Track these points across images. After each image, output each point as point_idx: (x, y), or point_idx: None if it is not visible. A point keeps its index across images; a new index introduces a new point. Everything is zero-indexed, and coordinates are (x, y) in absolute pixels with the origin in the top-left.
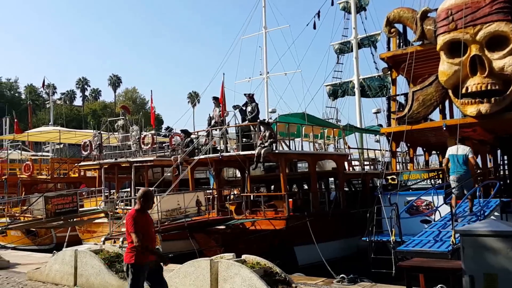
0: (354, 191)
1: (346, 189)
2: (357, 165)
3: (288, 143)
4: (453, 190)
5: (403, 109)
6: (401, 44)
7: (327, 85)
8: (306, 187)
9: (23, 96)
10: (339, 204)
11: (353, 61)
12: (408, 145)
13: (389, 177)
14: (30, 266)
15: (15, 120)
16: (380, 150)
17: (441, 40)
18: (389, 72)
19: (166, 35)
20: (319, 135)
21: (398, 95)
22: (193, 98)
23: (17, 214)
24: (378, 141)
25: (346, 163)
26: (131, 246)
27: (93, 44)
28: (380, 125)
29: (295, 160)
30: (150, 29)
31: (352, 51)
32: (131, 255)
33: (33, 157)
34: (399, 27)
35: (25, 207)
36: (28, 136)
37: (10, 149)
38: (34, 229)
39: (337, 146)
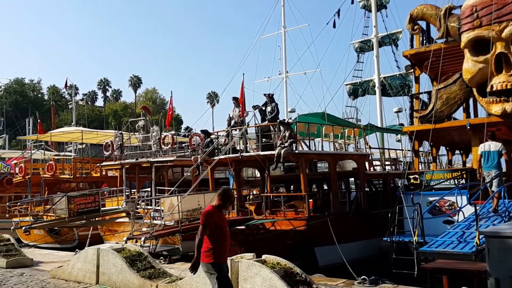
0: (375, 191)
1: (367, 189)
2: (378, 165)
3: (308, 143)
4: (494, 185)
5: (426, 107)
6: (425, 41)
7: (347, 84)
8: (325, 187)
9: (46, 97)
10: (360, 204)
11: (373, 59)
12: (431, 144)
13: (411, 177)
14: (53, 264)
15: (39, 120)
16: (402, 150)
17: (465, 37)
18: (411, 70)
19: (187, 35)
20: (339, 135)
21: (421, 93)
22: (212, 98)
23: (40, 213)
24: (399, 140)
25: (366, 163)
26: (208, 246)
27: (114, 45)
28: (402, 125)
29: (315, 160)
30: (170, 30)
31: (372, 49)
32: (209, 254)
33: (56, 157)
34: (422, 24)
35: (48, 206)
36: (51, 136)
37: (33, 149)
38: (57, 228)
39: (358, 146)
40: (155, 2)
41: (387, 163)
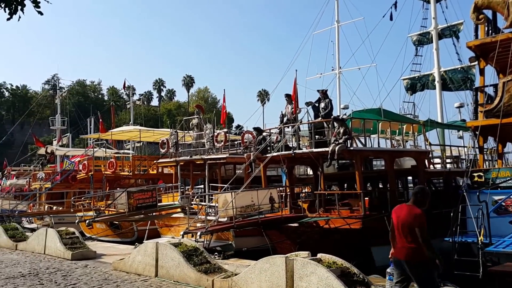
0: (435, 190)
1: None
2: (438, 163)
3: (363, 140)
4: None
5: (492, 101)
6: (490, 31)
7: (404, 79)
8: (381, 186)
9: (105, 98)
10: None
11: (433, 52)
12: (497, 140)
13: (475, 175)
14: (114, 257)
15: (100, 120)
16: (464, 146)
17: None
18: (476, 62)
19: (237, 33)
20: (397, 131)
21: (487, 86)
22: (263, 96)
23: (102, 208)
24: (461, 137)
25: (426, 161)
26: (414, 243)
27: (168, 47)
28: (464, 120)
29: (371, 158)
30: (221, 29)
31: (431, 42)
32: (420, 252)
33: (116, 155)
34: (488, 13)
35: (109, 201)
36: (111, 135)
37: (95, 147)
38: (117, 222)
39: (416, 142)
40: (205, 2)
41: (448, 160)
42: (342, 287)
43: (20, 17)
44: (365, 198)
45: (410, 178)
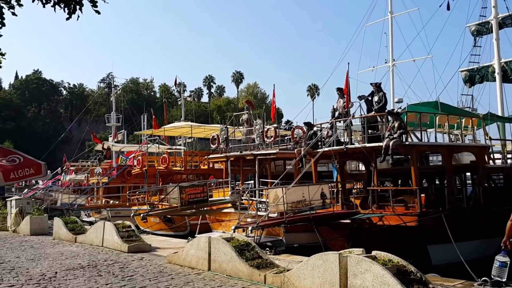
0: (495, 187)
1: (485, 184)
2: (499, 158)
3: (419, 135)
4: None
5: None
6: None
7: (462, 71)
8: (437, 182)
9: (157, 95)
10: (479, 200)
11: (493, 43)
12: None
13: None
14: (168, 250)
15: (153, 116)
16: None
17: None
18: None
19: (286, 28)
20: (455, 125)
21: None
22: (312, 91)
23: (155, 202)
24: None
25: (485, 156)
26: None
27: (218, 43)
28: None
29: (427, 153)
30: (271, 24)
31: (491, 32)
32: None
33: (168, 150)
34: None
35: (162, 196)
36: (164, 131)
37: (149, 143)
38: (170, 216)
39: (476, 137)
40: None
41: (509, 156)
42: (399, 285)
43: (78, 16)
44: (421, 195)
45: (468, 174)
